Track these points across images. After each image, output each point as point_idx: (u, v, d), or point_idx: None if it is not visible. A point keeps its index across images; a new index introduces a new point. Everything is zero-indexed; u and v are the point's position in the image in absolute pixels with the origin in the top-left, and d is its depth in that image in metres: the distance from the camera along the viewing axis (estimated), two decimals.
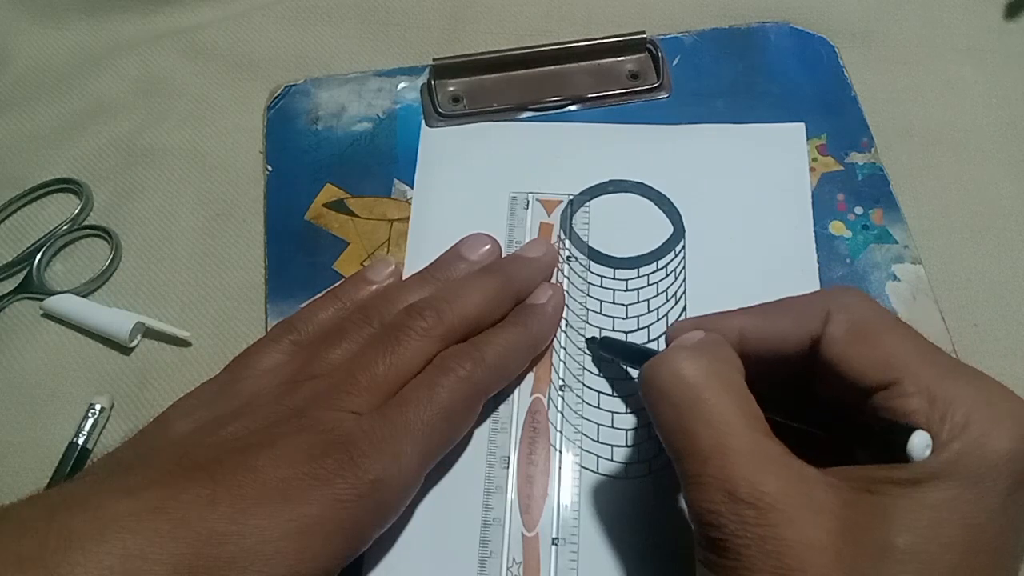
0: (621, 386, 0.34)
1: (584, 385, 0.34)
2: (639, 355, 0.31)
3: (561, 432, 0.33)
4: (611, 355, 0.34)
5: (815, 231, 0.37)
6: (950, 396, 0.23)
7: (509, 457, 0.32)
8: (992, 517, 0.22)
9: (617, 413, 0.33)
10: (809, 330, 0.26)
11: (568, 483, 0.32)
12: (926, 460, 0.22)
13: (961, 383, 0.24)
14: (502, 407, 0.33)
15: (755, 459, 0.23)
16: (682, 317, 0.35)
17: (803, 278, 0.36)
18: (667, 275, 0.36)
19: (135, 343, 0.36)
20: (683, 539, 0.30)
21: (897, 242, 0.37)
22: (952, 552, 0.21)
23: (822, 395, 0.27)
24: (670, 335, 0.29)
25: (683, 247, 0.36)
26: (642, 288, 0.35)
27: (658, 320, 0.35)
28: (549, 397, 0.33)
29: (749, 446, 0.24)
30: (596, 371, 0.34)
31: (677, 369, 0.25)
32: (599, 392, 0.33)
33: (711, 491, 0.23)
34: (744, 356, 0.27)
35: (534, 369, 0.34)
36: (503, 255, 0.36)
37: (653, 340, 0.34)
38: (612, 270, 0.36)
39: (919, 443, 0.22)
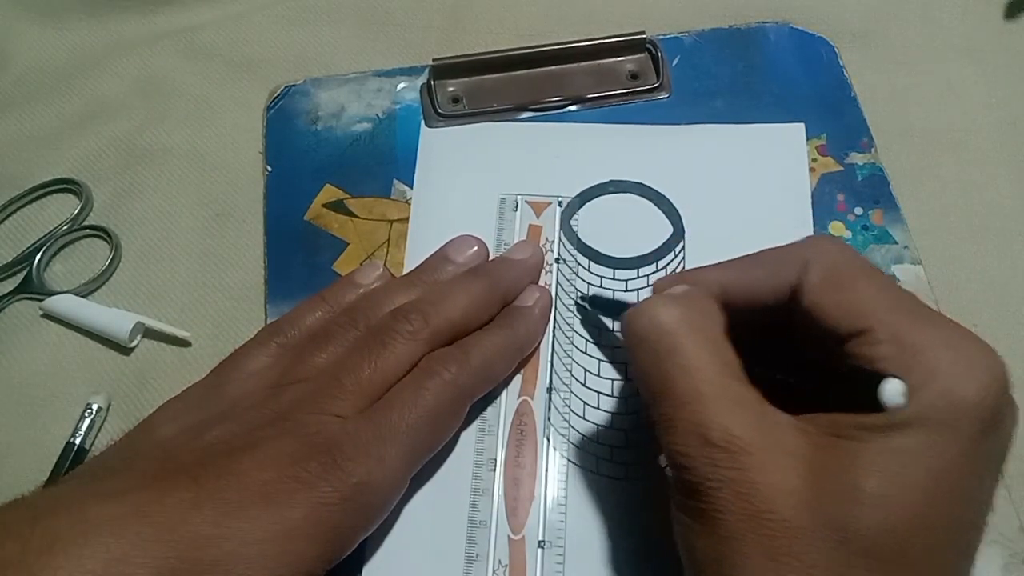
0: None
1: (570, 390, 0.33)
2: (622, 307, 0.31)
3: (548, 436, 0.33)
4: (598, 311, 0.35)
5: (815, 232, 0.36)
6: (919, 343, 0.23)
7: (496, 459, 0.32)
8: (958, 462, 0.22)
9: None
10: (787, 280, 0.27)
11: (555, 486, 0.32)
12: (894, 407, 0.22)
13: (929, 329, 0.24)
14: (489, 409, 0.33)
15: (727, 404, 0.24)
16: None
17: None
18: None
19: (135, 343, 0.36)
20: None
21: (897, 242, 0.36)
22: (917, 495, 0.22)
23: (802, 345, 0.27)
24: (654, 289, 0.30)
25: (683, 247, 0.36)
26: (641, 289, 0.35)
27: None
28: (536, 399, 0.33)
29: (722, 392, 0.24)
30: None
31: (654, 316, 0.26)
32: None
33: (685, 435, 0.24)
34: (727, 308, 0.27)
35: (521, 371, 0.34)
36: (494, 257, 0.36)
37: None
38: (612, 270, 0.36)
39: (892, 390, 0.22)
